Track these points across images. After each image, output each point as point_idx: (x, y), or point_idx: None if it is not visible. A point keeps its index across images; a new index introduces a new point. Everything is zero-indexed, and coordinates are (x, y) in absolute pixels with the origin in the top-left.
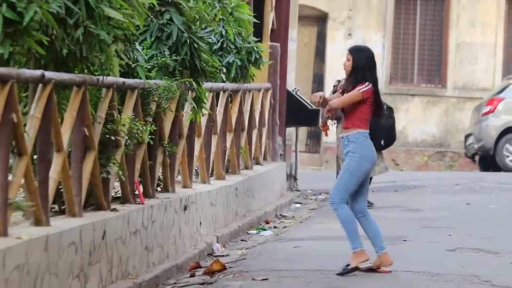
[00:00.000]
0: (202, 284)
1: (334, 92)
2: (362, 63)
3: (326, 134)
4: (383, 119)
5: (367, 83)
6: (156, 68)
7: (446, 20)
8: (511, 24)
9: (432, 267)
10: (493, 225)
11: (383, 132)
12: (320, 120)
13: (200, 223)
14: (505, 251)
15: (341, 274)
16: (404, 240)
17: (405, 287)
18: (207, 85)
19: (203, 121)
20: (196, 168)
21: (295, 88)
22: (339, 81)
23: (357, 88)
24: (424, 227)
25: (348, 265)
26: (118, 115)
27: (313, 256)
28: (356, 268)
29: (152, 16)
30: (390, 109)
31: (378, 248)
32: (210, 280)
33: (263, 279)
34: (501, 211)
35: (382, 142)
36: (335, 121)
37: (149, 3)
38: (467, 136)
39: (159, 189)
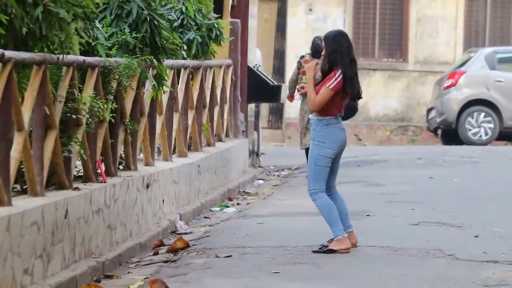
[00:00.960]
0: (166, 262)
1: (299, 68)
2: (333, 47)
3: (291, 101)
4: None
5: (337, 75)
6: (117, 46)
7: None
8: None
9: (396, 241)
10: (456, 199)
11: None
12: (288, 91)
13: (163, 201)
14: (468, 225)
15: (316, 252)
16: (368, 215)
17: (369, 262)
18: (167, 62)
19: (164, 98)
20: (158, 146)
21: (256, 64)
22: (302, 57)
23: (326, 85)
24: (387, 201)
25: (325, 246)
26: (79, 94)
27: (276, 233)
28: (333, 251)
29: None
30: None
31: (344, 227)
32: (174, 258)
33: (227, 256)
34: (464, 184)
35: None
36: (301, 97)
37: None
38: (429, 110)
39: (121, 167)
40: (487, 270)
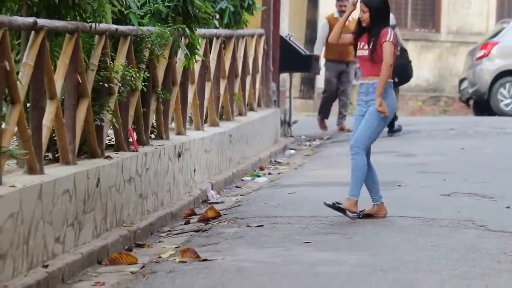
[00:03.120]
0: (197, 231)
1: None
2: (381, 13)
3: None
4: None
5: (388, 30)
6: (149, 15)
7: None
8: None
9: (427, 212)
10: (487, 170)
11: (396, 70)
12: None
13: (195, 170)
14: (500, 196)
15: (328, 205)
16: (399, 185)
17: (401, 232)
18: (200, 31)
19: (197, 67)
20: (190, 115)
21: (288, 34)
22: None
23: (386, 39)
24: (418, 172)
25: (340, 204)
26: (111, 62)
27: (307, 202)
28: (343, 210)
29: None
30: (404, 51)
31: (378, 197)
32: (205, 227)
33: (258, 226)
34: (496, 155)
35: (396, 80)
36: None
37: None
38: (461, 81)
39: (153, 136)
40: None
